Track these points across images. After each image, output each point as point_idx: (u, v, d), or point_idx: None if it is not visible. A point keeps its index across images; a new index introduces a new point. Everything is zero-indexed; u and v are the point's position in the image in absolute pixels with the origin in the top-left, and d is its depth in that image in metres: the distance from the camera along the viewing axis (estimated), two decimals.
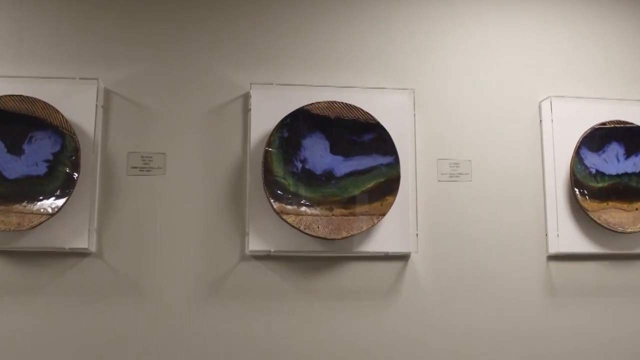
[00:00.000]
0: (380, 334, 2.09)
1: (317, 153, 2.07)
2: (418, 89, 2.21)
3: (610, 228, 2.18)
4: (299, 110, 2.08)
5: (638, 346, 2.18)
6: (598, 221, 2.17)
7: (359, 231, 2.02)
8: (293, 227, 1.99)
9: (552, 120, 2.24)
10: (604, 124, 2.24)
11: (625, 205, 2.20)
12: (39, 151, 2.00)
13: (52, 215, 1.94)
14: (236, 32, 2.17)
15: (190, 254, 2.06)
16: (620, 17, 2.35)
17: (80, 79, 2.06)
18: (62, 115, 2.01)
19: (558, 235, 2.20)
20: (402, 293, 2.12)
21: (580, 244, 2.19)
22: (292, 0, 2.18)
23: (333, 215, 2.02)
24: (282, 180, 2.04)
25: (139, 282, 2.03)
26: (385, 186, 2.08)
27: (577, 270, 2.22)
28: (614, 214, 2.17)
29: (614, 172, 2.22)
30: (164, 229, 2.06)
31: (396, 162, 2.09)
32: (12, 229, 1.94)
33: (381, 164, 2.10)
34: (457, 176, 2.19)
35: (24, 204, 1.96)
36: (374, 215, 2.03)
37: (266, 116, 2.08)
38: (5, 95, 2.01)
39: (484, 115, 2.25)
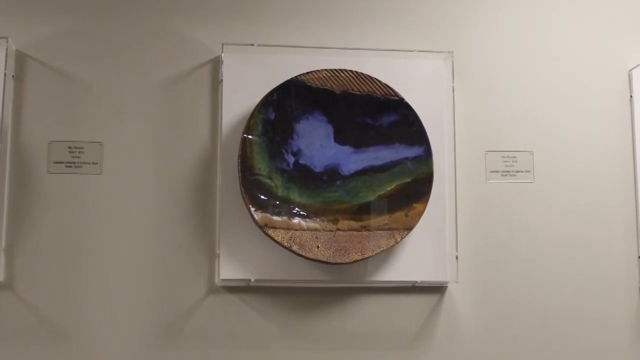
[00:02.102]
0: None
1: (316, 142, 1.92)
2: (459, 52, 2.04)
3: None
4: (291, 82, 1.92)
5: None
6: None
7: (376, 252, 1.88)
8: (282, 246, 1.84)
9: None
10: None
11: None
12: None
13: None
14: None
15: (137, 285, 1.90)
16: None
17: None
18: None
19: None
20: (435, 339, 1.95)
21: None
22: None
23: (339, 229, 1.88)
24: (267, 181, 1.88)
25: (65, 325, 1.85)
26: (413, 189, 1.92)
27: None
28: None
29: None
30: (101, 249, 1.90)
31: (427, 154, 1.94)
32: None
33: (407, 158, 1.93)
34: (514, 174, 2.03)
35: None
36: (396, 229, 1.88)
37: (244, 90, 1.92)
38: None
39: (550, 90, 2.08)
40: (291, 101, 1.91)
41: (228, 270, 1.86)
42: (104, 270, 1.89)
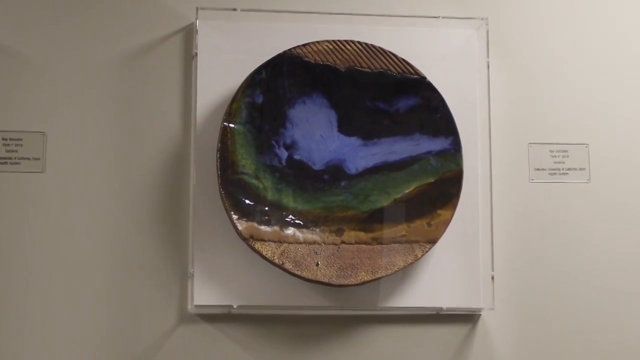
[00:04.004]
0: None
1: (316, 132, 1.79)
2: (495, 19, 1.88)
3: None
4: (284, 57, 1.78)
5: None
6: None
7: (391, 271, 1.73)
8: (272, 263, 1.71)
9: None
10: None
11: None
12: None
13: None
14: None
15: (88, 313, 1.72)
16: None
17: None
18: None
19: None
20: None
21: None
22: None
23: (344, 242, 1.75)
24: (254, 181, 1.74)
25: None
26: (437, 191, 1.78)
27: None
28: None
29: None
30: (43, 266, 1.72)
31: (456, 148, 1.79)
32: None
33: (429, 152, 1.79)
34: (565, 173, 1.86)
35: None
36: (415, 242, 1.75)
37: (225, 67, 1.79)
38: None
39: (611, 68, 1.90)
40: (284, 81, 1.76)
41: (204, 295, 1.71)
42: (47, 293, 1.71)
